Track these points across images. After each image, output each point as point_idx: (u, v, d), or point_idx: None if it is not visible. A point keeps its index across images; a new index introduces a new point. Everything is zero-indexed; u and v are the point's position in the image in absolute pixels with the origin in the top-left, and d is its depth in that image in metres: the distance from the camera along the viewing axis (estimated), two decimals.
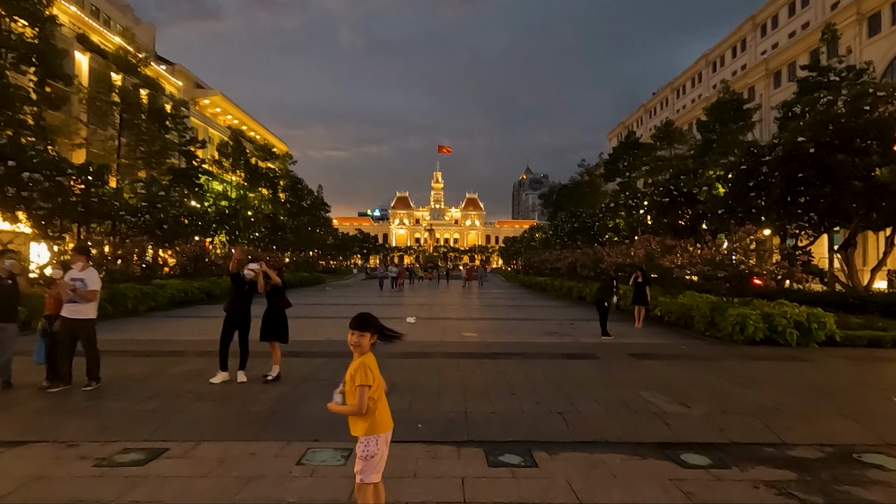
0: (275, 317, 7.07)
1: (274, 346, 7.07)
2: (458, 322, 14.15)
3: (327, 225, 71.89)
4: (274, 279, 6.99)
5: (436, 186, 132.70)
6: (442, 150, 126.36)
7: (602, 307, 11.23)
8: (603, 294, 11.33)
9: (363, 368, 2.93)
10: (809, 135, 18.07)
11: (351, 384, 2.93)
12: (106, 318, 13.64)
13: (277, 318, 7.08)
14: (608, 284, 11.57)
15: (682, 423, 5.29)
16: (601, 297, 11.29)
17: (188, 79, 63.33)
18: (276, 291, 7.15)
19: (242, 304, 7.06)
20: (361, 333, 3.04)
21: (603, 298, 11.23)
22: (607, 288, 11.41)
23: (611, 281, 11.60)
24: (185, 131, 43.60)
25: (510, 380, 7.10)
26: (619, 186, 47.94)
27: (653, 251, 14.97)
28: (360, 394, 2.87)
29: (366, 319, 3.09)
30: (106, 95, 37.15)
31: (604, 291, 11.36)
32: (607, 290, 11.38)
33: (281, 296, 7.17)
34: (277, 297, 7.17)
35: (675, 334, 12.03)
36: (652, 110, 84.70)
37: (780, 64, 47.62)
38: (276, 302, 7.16)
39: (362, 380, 2.89)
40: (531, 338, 11.27)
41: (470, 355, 8.98)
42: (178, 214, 31.06)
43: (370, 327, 3.10)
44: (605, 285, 11.58)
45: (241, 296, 7.04)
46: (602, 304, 11.24)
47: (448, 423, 5.21)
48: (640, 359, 8.79)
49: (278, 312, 7.10)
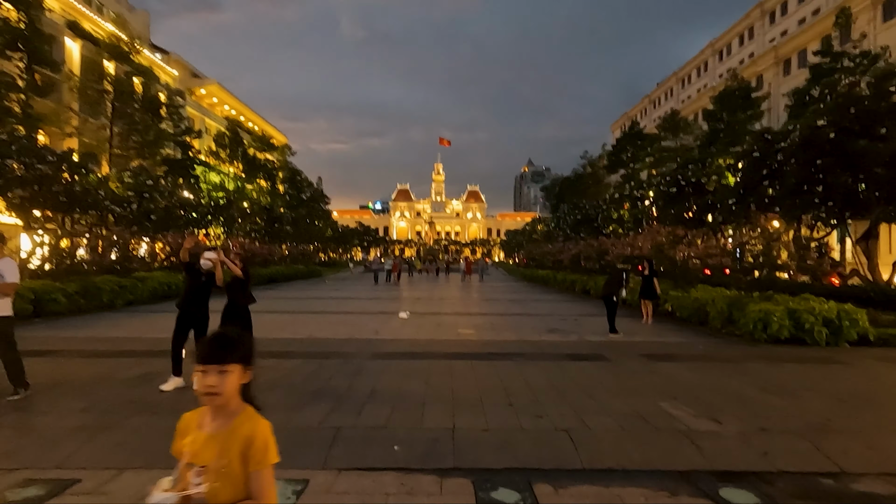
0: (235, 313, 6.14)
1: None
2: (455, 318, 13.23)
3: (326, 217, 70.97)
4: (234, 270, 6.04)
5: (437, 179, 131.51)
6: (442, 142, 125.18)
7: (610, 302, 10.29)
8: (611, 288, 10.39)
9: (262, 438, 1.60)
10: (829, 119, 17.02)
11: (240, 466, 1.56)
12: (78, 313, 12.78)
13: (238, 314, 6.15)
14: (617, 277, 10.62)
15: (714, 444, 4.36)
16: (610, 290, 10.35)
17: (184, 68, 62.18)
18: (238, 285, 6.21)
19: (198, 299, 6.12)
20: (223, 369, 1.59)
21: (612, 292, 10.29)
22: (616, 281, 10.47)
23: (620, 273, 10.64)
24: (181, 121, 42.69)
25: (508, 386, 6.17)
26: (623, 178, 46.93)
27: (662, 242, 14.01)
28: (266, 480, 1.59)
29: (227, 342, 1.64)
30: (97, 83, 36.20)
31: (612, 285, 10.41)
32: (616, 283, 10.44)
33: (243, 290, 6.23)
34: (239, 292, 6.22)
35: (689, 332, 11.09)
36: (656, 101, 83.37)
37: (790, 51, 46.32)
38: (238, 297, 6.22)
39: (269, 456, 1.60)
40: (532, 335, 10.34)
41: (464, 356, 8.05)
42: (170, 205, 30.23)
43: (235, 353, 1.65)
44: (613, 278, 10.63)
45: (197, 289, 6.10)
46: (610, 298, 10.30)
47: (431, 444, 4.29)
48: (654, 360, 7.86)
49: (239, 308, 6.17)
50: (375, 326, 11.30)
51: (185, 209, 32.24)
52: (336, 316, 13.14)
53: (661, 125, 46.20)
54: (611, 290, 10.35)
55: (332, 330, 10.68)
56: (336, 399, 5.55)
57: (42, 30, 29.25)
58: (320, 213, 68.96)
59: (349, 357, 7.85)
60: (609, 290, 10.36)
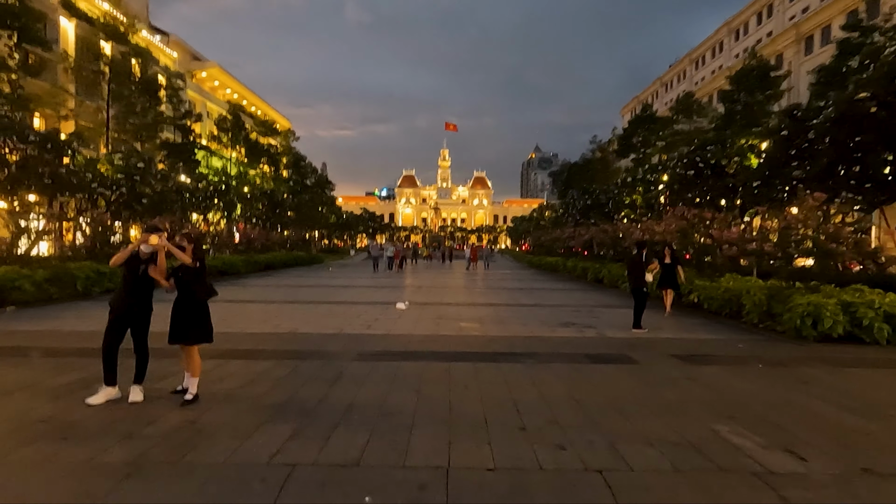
0: (189, 308, 4.93)
1: (189, 352, 4.94)
2: (458, 309, 12.05)
3: (330, 203, 69.90)
4: (181, 258, 4.80)
5: (443, 165, 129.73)
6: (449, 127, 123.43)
7: (641, 295, 9.04)
8: (639, 277, 9.11)
9: None
10: (871, 92, 15.50)
11: None
12: (48, 302, 11.73)
13: (193, 310, 4.94)
14: (639, 262, 9.28)
15: (807, 496, 3.16)
16: (639, 282, 9.05)
17: (184, 50, 60.81)
18: (191, 275, 4.95)
19: (137, 293, 4.89)
20: None
21: (642, 284, 9.02)
22: (640, 267, 9.16)
23: (640, 257, 9.27)
24: (180, 104, 41.58)
25: (519, 400, 4.98)
26: (634, 163, 45.40)
27: (687, 226, 12.69)
28: None
29: None
30: (93, 64, 35.06)
31: (638, 273, 9.12)
32: (640, 271, 9.15)
33: (198, 281, 5.00)
34: (194, 284, 4.98)
35: (721, 326, 9.85)
36: (668, 83, 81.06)
37: (812, 28, 44.17)
38: (193, 289, 4.99)
39: None
40: (544, 330, 9.14)
41: (466, 356, 6.87)
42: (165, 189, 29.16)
43: None
44: (635, 264, 9.31)
45: (135, 282, 4.88)
46: (641, 290, 9.05)
47: (416, 494, 3.12)
48: (690, 363, 6.64)
49: (195, 303, 4.96)
50: (369, 319, 10.15)
51: (182, 193, 31.25)
52: (327, 307, 12.00)
53: (674, 107, 44.43)
54: (640, 280, 9.07)
55: (320, 323, 9.53)
56: (302, 418, 4.39)
57: (32, 7, 28.06)
58: (324, 199, 67.93)
59: (331, 357, 6.70)
60: (638, 282, 9.07)
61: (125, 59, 36.35)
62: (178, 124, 40.68)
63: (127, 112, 36.21)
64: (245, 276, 22.61)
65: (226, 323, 9.30)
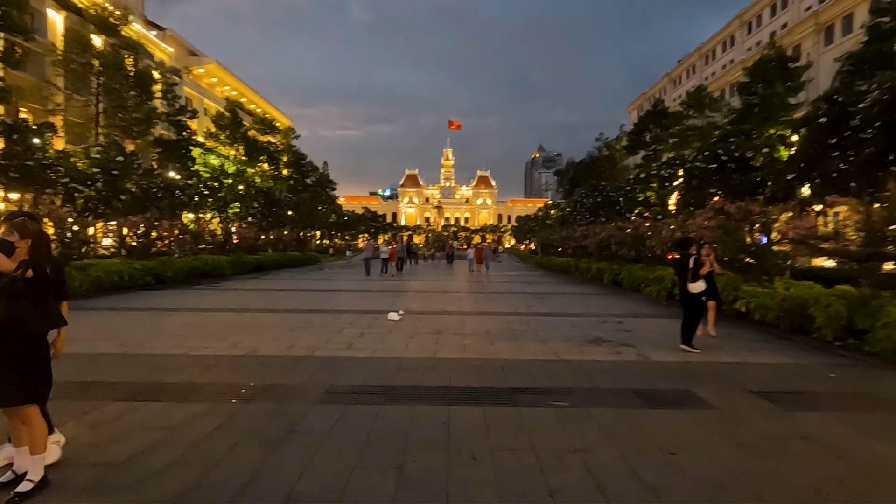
0: (14, 347, 3.02)
1: (24, 417, 3.07)
2: (461, 319, 10.21)
3: (330, 202, 68.29)
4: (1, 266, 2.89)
5: (446, 164, 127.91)
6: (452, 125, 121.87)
7: (693, 304, 7.19)
8: (684, 282, 7.24)
9: None
10: None
11: None
12: None
13: (21, 349, 3.04)
14: (685, 265, 7.40)
15: None
16: (689, 289, 7.18)
17: (181, 46, 59.29)
18: (21, 291, 2.98)
19: None
20: None
21: (699, 291, 7.14)
22: (686, 271, 7.27)
23: (687, 260, 7.37)
24: (175, 100, 40.05)
25: (558, 488, 3.14)
26: (644, 159, 43.61)
27: (728, 222, 10.81)
28: None
29: None
30: (81, 57, 33.50)
31: (687, 277, 7.24)
32: (687, 275, 7.27)
33: (34, 301, 3.03)
34: (26, 306, 2.98)
35: (787, 344, 7.96)
36: (677, 79, 79.25)
37: (833, 17, 42.15)
38: (21, 316, 2.98)
39: None
40: (569, 350, 7.28)
41: (473, 395, 5.03)
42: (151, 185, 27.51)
43: None
44: (682, 267, 7.43)
45: None
46: (698, 300, 7.20)
47: None
48: (783, 406, 4.78)
49: (24, 339, 3.02)
50: (352, 334, 8.32)
51: (171, 190, 29.61)
52: (306, 317, 10.16)
53: (686, 101, 42.55)
54: (684, 286, 7.21)
55: (290, 340, 7.70)
56: None
57: None
58: (325, 198, 66.36)
59: (288, 397, 4.88)
60: (690, 291, 7.19)
61: (115, 51, 34.80)
62: (172, 120, 39.15)
63: (117, 107, 34.65)
64: (230, 278, 20.83)
65: (171, 339, 7.49)
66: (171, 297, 13.55)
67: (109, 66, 33.34)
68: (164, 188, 28.30)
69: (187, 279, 18.15)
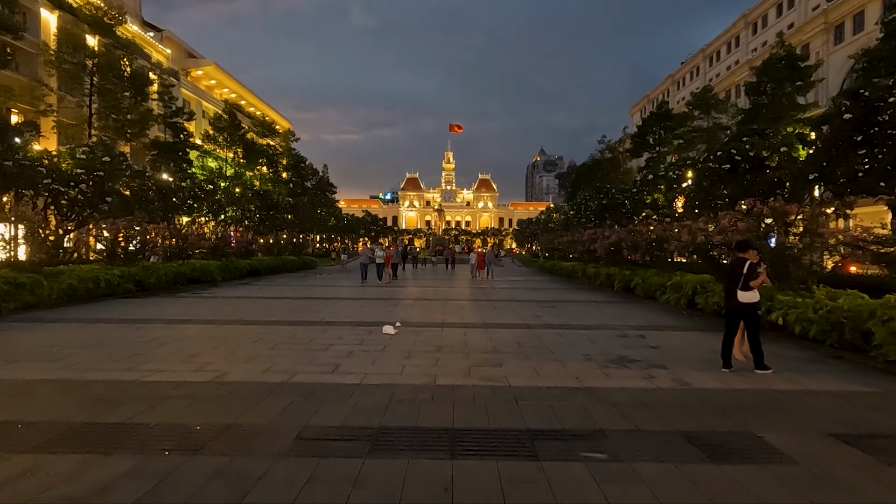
0: None
1: None
2: (464, 333, 9.15)
3: (330, 205, 67.38)
4: None
5: (447, 167, 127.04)
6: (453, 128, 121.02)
7: (754, 319, 6.16)
8: (733, 292, 6.17)
9: None
10: None
11: None
12: None
13: None
14: (737, 273, 6.28)
15: None
16: (739, 300, 6.11)
17: (178, 47, 58.52)
18: None
19: None
20: None
21: (747, 303, 6.09)
22: (738, 277, 6.18)
23: (741, 266, 6.24)
24: (171, 102, 39.20)
25: None
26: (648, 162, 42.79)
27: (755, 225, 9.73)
28: None
29: None
30: (74, 56, 32.66)
31: (737, 286, 6.15)
32: (741, 283, 6.18)
33: None
34: None
35: (841, 365, 6.89)
36: (680, 81, 78.47)
37: (842, 15, 41.20)
38: None
39: None
40: (593, 374, 6.21)
41: (482, 441, 3.98)
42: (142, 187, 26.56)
43: None
44: (733, 273, 6.31)
45: None
46: (746, 311, 6.16)
47: None
48: (883, 458, 3.72)
49: None
50: (341, 352, 7.27)
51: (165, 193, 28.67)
52: (291, 330, 9.11)
53: (691, 102, 41.66)
54: (732, 294, 6.15)
55: (267, 360, 6.64)
56: None
57: None
58: (324, 202, 65.49)
59: (247, 445, 3.82)
60: (739, 300, 6.13)
61: (109, 52, 33.96)
62: (169, 122, 38.30)
63: (111, 108, 33.77)
64: (220, 284, 19.80)
65: (128, 360, 6.44)
66: (149, 306, 12.51)
67: (103, 67, 32.50)
68: (155, 191, 27.37)
69: (173, 286, 17.12)
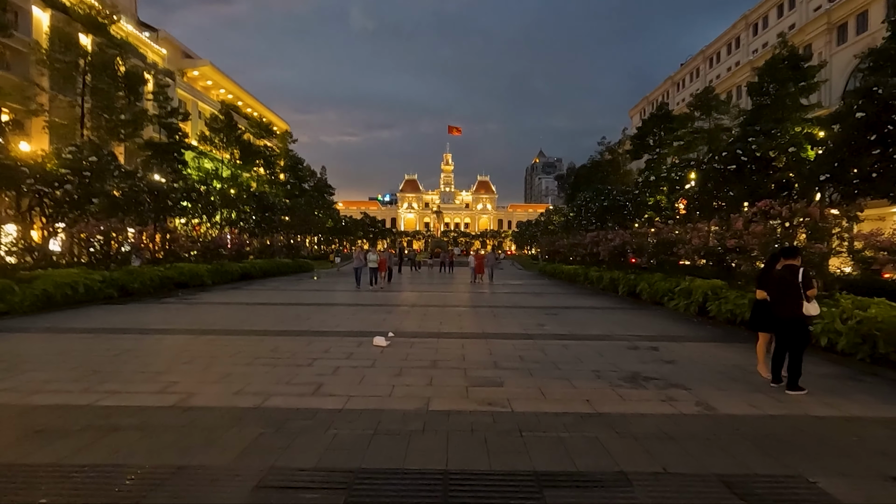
0: None
1: None
2: (461, 344, 8.47)
3: (327, 207, 66.75)
4: None
5: (446, 169, 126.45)
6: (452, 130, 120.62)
7: (802, 333, 5.50)
8: (789, 305, 5.48)
9: None
10: None
11: None
12: None
13: None
14: (793, 281, 5.54)
15: None
16: (811, 313, 5.42)
17: (174, 48, 57.96)
18: None
19: None
20: None
21: (796, 315, 5.41)
22: (790, 287, 5.47)
23: (795, 274, 5.50)
24: (167, 102, 38.59)
25: None
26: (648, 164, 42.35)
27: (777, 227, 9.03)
28: None
29: None
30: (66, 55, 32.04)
31: (792, 297, 5.44)
32: (790, 292, 5.49)
33: None
34: None
35: (878, 383, 6.19)
36: (680, 82, 78.12)
37: (846, 15, 40.71)
38: None
39: None
40: (606, 396, 5.52)
41: (480, 491, 3.30)
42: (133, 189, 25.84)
43: None
44: (787, 283, 5.58)
45: None
46: (806, 326, 5.50)
47: None
48: None
49: None
50: (325, 367, 6.58)
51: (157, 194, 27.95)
52: (274, 341, 8.41)
53: (692, 103, 41.17)
54: (794, 309, 5.45)
55: (241, 378, 5.95)
56: None
57: None
58: (322, 203, 64.89)
59: (192, 499, 3.14)
60: (790, 311, 5.45)
61: (103, 51, 33.34)
62: (164, 123, 37.67)
63: (104, 107, 33.11)
64: (210, 288, 19.08)
65: (86, 379, 5.74)
66: (129, 313, 11.81)
67: (96, 66, 31.86)
68: (146, 192, 26.68)
69: (159, 291, 16.42)
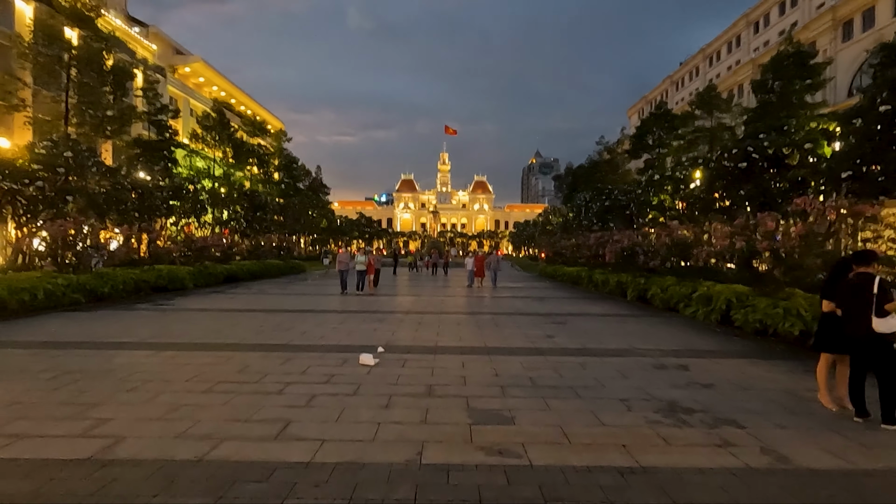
0: None
1: None
2: (461, 363, 7.34)
3: (321, 206, 65.52)
4: None
5: (442, 168, 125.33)
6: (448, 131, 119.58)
7: (889, 354, 4.45)
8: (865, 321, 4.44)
9: None
10: None
11: None
12: None
13: None
14: (867, 292, 4.51)
15: None
16: (881, 330, 4.39)
17: (165, 43, 56.65)
18: None
19: None
20: None
21: (888, 332, 4.37)
22: (862, 299, 4.43)
23: (869, 283, 4.47)
24: (156, 98, 37.34)
25: None
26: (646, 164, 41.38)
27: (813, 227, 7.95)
28: None
29: None
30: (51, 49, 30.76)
31: (863, 310, 4.42)
32: (863, 304, 4.46)
33: None
34: None
35: None
36: (679, 81, 77.47)
37: (851, 12, 39.91)
38: None
39: None
40: (645, 438, 4.42)
41: None
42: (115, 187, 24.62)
43: None
44: (862, 291, 4.54)
45: None
46: (889, 346, 4.46)
47: None
48: None
49: None
50: (298, 397, 5.44)
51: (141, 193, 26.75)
52: (244, 358, 7.27)
53: (694, 101, 40.24)
54: (860, 321, 4.41)
55: (191, 413, 4.81)
56: None
57: None
58: (316, 203, 63.66)
59: None
60: (876, 329, 4.40)
61: (88, 44, 32.07)
62: (153, 120, 36.42)
63: (89, 103, 31.82)
64: (190, 292, 17.87)
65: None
66: (92, 322, 10.63)
67: (81, 60, 30.61)
68: (130, 190, 25.46)
69: (134, 295, 15.24)
